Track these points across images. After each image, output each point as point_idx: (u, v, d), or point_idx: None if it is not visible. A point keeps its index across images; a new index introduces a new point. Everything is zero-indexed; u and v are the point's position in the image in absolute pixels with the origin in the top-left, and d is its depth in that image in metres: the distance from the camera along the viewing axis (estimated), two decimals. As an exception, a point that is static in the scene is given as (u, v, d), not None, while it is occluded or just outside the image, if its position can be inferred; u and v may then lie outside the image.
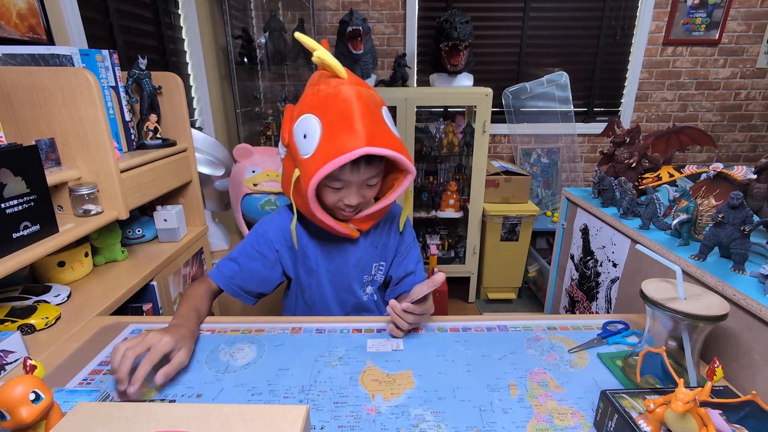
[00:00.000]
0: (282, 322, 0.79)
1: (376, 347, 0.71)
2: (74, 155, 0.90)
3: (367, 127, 0.68)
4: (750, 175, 0.87)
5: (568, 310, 1.35)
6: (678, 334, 0.58)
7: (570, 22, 2.52)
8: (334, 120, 0.69)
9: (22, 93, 0.85)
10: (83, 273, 0.98)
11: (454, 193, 2.28)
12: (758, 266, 0.71)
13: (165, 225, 1.18)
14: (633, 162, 1.13)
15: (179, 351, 0.62)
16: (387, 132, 0.72)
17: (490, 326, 0.77)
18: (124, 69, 1.09)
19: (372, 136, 0.68)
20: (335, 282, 0.89)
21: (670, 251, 0.82)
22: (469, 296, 2.40)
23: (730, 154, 2.81)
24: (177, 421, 0.42)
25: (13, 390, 0.43)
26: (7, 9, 1.01)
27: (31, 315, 0.77)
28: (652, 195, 0.93)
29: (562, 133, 2.64)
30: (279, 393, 0.60)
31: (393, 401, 0.59)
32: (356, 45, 1.97)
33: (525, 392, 0.60)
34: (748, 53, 2.56)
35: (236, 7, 2.30)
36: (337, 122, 0.69)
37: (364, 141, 0.66)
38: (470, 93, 2.06)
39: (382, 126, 0.72)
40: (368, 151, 0.67)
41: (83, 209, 0.88)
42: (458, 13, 2.00)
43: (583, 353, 0.70)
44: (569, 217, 1.31)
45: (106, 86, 0.98)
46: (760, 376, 0.62)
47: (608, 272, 1.09)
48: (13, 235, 0.70)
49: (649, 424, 0.47)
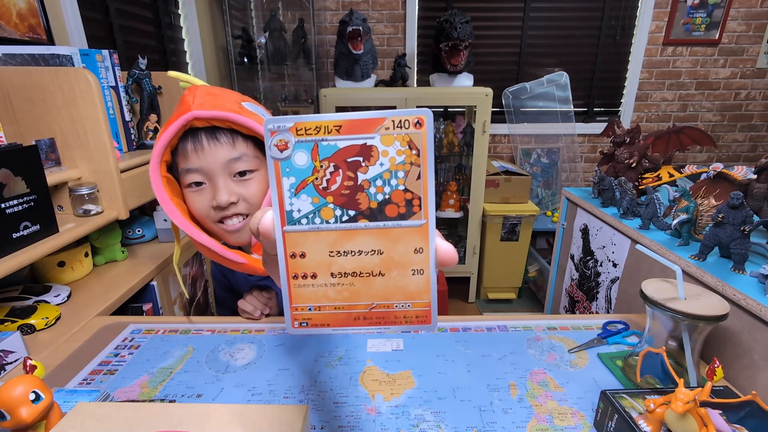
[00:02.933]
0: (282, 322, 0.79)
1: (376, 347, 0.71)
2: (74, 155, 0.90)
3: (202, 99, 0.61)
4: (750, 175, 0.87)
5: (568, 310, 1.35)
6: (678, 334, 0.58)
7: (570, 22, 2.52)
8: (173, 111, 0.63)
9: (22, 93, 0.85)
10: (83, 273, 0.98)
11: (454, 193, 2.28)
12: (758, 266, 0.71)
13: (165, 225, 1.18)
14: (633, 162, 1.13)
15: None
16: (229, 102, 0.62)
17: (490, 326, 0.77)
18: (124, 69, 1.09)
19: (203, 104, 0.60)
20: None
21: (670, 251, 0.82)
22: (469, 296, 2.40)
23: (730, 154, 2.81)
24: (177, 421, 0.42)
25: (13, 390, 0.43)
26: (7, 9, 1.01)
27: (31, 315, 0.77)
28: (652, 195, 0.93)
29: (562, 133, 2.65)
30: (279, 393, 0.60)
31: (393, 401, 0.59)
32: (356, 45, 1.97)
33: (525, 392, 0.60)
34: (748, 53, 2.56)
35: (236, 7, 2.30)
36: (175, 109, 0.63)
37: (193, 108, 0.59)
38: (470, 93, 2.06)
39: (225, 99, 0.63)
40: (194, 114, 0.59)
41: (83, 209, 0.88)
42: (458, 13, 2.00)
43: (583, 353, 0.70)
44: (569, 217, 1.31)
45: (106, 86, 0.98)
46: (760, 376, 0.62)
47: (608, 272, 1.09)
48: (13, 235, 0.70)
49: (649, 424, 0.47)
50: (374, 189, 0.25)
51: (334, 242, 0.25)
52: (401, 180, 0.24)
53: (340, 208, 0.25)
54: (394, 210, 0.25)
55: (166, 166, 0.64)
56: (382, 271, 0.25)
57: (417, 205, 0.24)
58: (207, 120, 0.60)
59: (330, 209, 0.25)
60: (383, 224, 0.25)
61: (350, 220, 0.25)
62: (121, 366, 0.66)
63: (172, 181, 0.65)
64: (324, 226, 0.25)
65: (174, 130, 0.59)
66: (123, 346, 0.72)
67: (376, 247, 0.25)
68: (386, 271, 0.25)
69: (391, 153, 0.24)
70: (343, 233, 0.25)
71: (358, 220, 0.25)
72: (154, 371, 0.65)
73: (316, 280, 0.26)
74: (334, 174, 0.25)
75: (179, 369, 0.65)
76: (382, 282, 0.26)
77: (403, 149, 0.24)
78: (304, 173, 0.25)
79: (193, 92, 0.61)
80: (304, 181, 0.25)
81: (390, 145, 0.24)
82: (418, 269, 0.25)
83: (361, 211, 0.25)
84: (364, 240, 0.25)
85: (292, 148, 0.25)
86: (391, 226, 0.25)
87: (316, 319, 0.27)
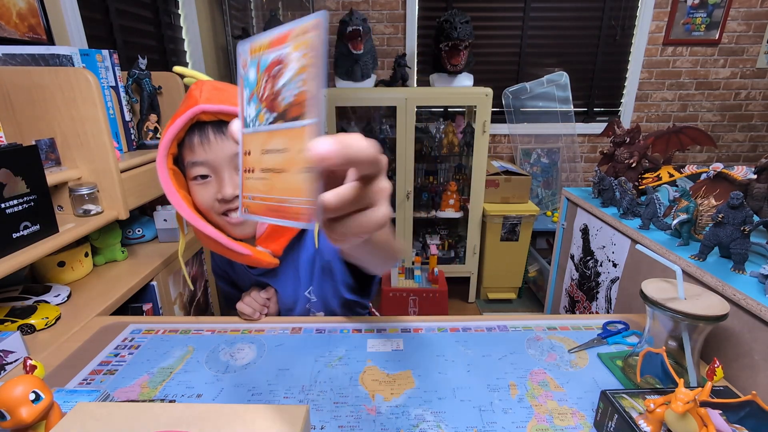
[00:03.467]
0: (282, 322, 0.79)
1: (376, 347, 0.71)
2: (74, 155, 0.90)
3: (209, 93, 0.62)
4: (750, 175, 0.87)
5: (568, 310, 1.35)
6: (678, 334, 0.58)
7: (570, 22, 2.52)
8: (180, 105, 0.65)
9: (22, 93, 0.85)
10: (83, 273, 0.98)
11: (454, 193, 2.28)
12: (758, 266, 0.71)
13: (165, 225, 1.18)
14: (633, 162, 1.13)
15: None
16: (235, 97, 0.62)
17: (490, 326, 0.77)
18: (124, 69, 1.09)
19: (211, 98, 0.61)
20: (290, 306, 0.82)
21: (670, 251, 0.82)
22: (469, 296, 2.40)
23: (730, 154, 2.81)
24: (177, 421, 0.42)
25: (13, 390, 0.43)
26: (7, 9, 1.01)
27: (31, 315, 0.77)
28: (652, 195, 0.93)
29: (562, 133, 2.64)
30: (279, 393, 0.60)
31: (393, 401, 0.59)
32: (356, 45, 1.97)
33: (525, 392, 0.60)
34: (748, 53, 2.56)
35: (236, 7, 2.30)
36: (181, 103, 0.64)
37: (200, 102, 0.61)
38: (470, 93, 2.06)
39: (231, 94, 0.63)
40: (201, 108, 0.60)
41: (83, 209, 0.88)
42: (458, 13, 2.00)
43: (583, 353, 0.70)
44: (569, 217, 1.31)
45: (106, 86, 0.98)
46: (760, 376, 0.62)
47: (608, 272, 1.09)
48: (13, 235, 0.70)
49: (649, 424, 0.47)
50: (286, 92, 0.27)
51: (263, 142, 0.29)
52: (303, 82, 0.26)
53: (269, 112, 0.29)
54: (296, 111, 0.27)
55: (173, 159, 0.64)
56: (285, 168, 0.28)
57: (312, 106, 0.26)
58: (214, 114, 0.61)
59: (263, 114, 0.29)
60: (287, 125, 0.27)
61: (273, 122, 0.29)
62: (121, 366, 0.66)
63: (178, 173, 0.66)
64: (260, 129, 0.30)
65: (181, 123, 0.61)
66: (123, 346, 0.72)
67: (283, 146, 0.28)
68: (288, 168, 0.27)
69: (297, 58, 0.26)
70: (268, 134, 0.29)
71: (276, 122, 0.28)
72: (154, 371, 0.65)
73: (253, 174, 0.31)
74: (267, 83, 0.29)
75: (179, 369, 0.65)
76: (285, 178, 0.28)
77: (305, 52, 0.26)
78: (252, 85, 0.30)
79: (200, 87, 0.62)
80: (253, 92, 0.30)
81: (297, 50, 0.26)
82: (306, 168, 0.26)
83: (279, 113, 0.28)
84: (279, 140, 0.28)
85: (248, 65, 0.30)
86: (291, 127, 0.27)
87: (252, 207, 0.31)
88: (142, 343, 0.72)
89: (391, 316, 0.81)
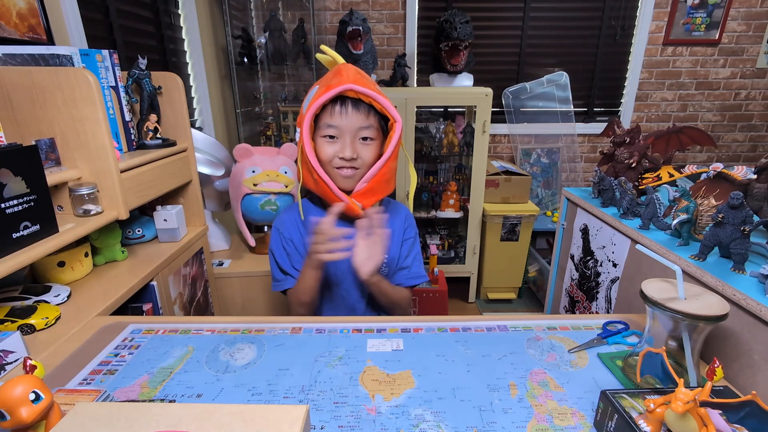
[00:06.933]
0: (282, 322, 0.79)
1: (376, 347, 0.71)
2: (74, 155, 0.90)
3: (354, 76, 0.80)
4: (750, 175, 0.87)
5: (568, 310, 1.35)
6: (678, 334, 0.58)
7: (570, 22, 2.52)
8: (328, 76, 0.84)
9: (22, 93, 0.85)
10: (83, 273, 0.98)
11: (454, 193, 2.28)
12: (758, 266, 0.71)
13: (165, 225, 1.18)
14: (633, 162, 1.13)
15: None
16: (371, 84, 0.83)
17: (490, 326, 0.77)
18: (124, 69, 1.09)
19: (357, 81, 0.80)
20: (348, 264, 0.89)
21: (670, 251, 0.82)
22: (469, 296, 2.40)
23: (730, 154, 2.81)
24: (177, 421, 0.42)
25: (13, 390, 0.43)
26: (7, 9, 1.01)
27: (31, 315, 0.77)
28: (652, 195, 0.93)
29: (562, 133, 2.65)
30: (279, 393, 0.60)
31: (393, 401, 0.59)
32: (356, 45, 1.97)
33: (525, 392, 0.60)
34: (748, 53, 2.56)
35: (236, 7, 2.30)
36: (330, 76, 0.83)
37: (349, 81, 0.79)
38: (470, 93, 2.06)
39: (369, 81, 0.83)
40: (351, 87, 0.78)
41: (83, 209, 0.88)
42: (458, 13, 2.00)
43: (583, 353, 0.70)
44: (569, 217, 1.31)
45: (106, 86, 0.98)
46: (760, 376, 0.62)
47: (608, 272, 1.09)
48: (13, 235, 0.70)
49: (649, 424, 0.47)
50: None
51: None
52: None
53: None
54: None
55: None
56: None
57: None
58: (357, 93, 0.80)
59: None
60: None
61: None
62: (121, 366, 0.66)
63: (311, 127, 0.83)
64: None
65: (333, 93, 0.78)
66: (123, 346, 0.72)
67: None
68: None
69: None
70: None
71: None
72: (154, 371, 0.65)
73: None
74: None
75: (179, 369, 0.66)
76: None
77: None
78: None
79: (347, 69, 0.82)
80: None
81: None
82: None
83: None
84: None
85: None
86: None
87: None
88: (142, 343, 0.72)
89: (391, 316, 0.81)
